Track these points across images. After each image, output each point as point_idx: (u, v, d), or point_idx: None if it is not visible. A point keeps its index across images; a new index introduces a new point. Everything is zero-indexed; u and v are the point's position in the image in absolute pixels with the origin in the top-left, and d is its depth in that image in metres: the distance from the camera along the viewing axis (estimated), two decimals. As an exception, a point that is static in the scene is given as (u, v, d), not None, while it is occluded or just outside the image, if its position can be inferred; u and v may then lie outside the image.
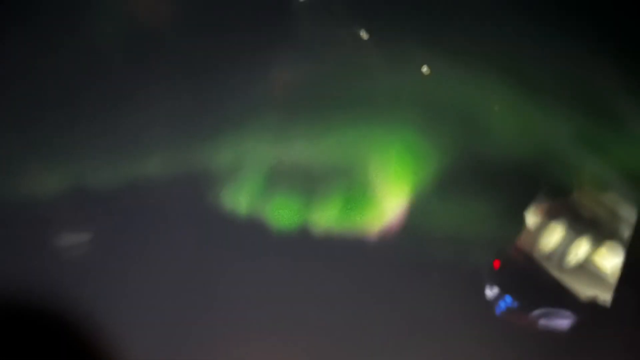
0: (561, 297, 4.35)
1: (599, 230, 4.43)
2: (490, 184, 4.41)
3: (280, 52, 4.50)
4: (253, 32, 4.49)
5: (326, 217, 4.41)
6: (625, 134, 4.37)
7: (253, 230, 4.35)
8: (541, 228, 4.49)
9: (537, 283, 4.43)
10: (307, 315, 4.15)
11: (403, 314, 4.25)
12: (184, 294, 4.13)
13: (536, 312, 4.34)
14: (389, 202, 4.48)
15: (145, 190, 4.25)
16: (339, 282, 4.26)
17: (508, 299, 4.37)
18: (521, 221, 4.51)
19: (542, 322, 4.33)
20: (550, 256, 4.46)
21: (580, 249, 4.44)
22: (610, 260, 4.38)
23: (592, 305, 4.31)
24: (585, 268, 4.43)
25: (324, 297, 4.22)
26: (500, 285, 4.38)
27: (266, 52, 4.49)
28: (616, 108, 4.34)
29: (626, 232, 4.37)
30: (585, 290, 4.36)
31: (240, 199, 4.40)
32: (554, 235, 4.47)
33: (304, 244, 4.36)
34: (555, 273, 4.42)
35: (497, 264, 4.45)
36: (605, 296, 4.29)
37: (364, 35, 4.45)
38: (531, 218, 4.52)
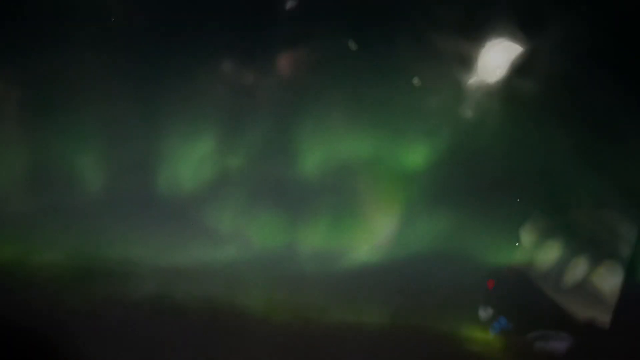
0: (558, 319, 4.25)
1: (598, 249, 4.33)
2: (485, 200, 4.33)
3: (266, 61, 4.40)
4: (237, 41, 4.38)
5: (313, 235, 4.31)
6: (625, 149, 4.29)
7: (238, 248, 4.27)
8: (537, 246, 4.38)
9: (533, 304, 4.33)
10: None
11: (393, 334, 4.15)
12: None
13: (532, 334, 4.25)
14: (378, 219, 4.37)
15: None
16: (327, 300, 4.19)
17: (503, 320, 4.28)
18: (517, 239, 4.40)
19: (539, 344, 4.24)
20: (546, 276, 4.36)
21: (578, 268, 4.33)
22: (609, 281, 4.28)
23: (590, 327, 4.22)
24: (583, 288, 4.32)
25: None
26: (494, 306, 4.29)
27: (251, 62, 4.40)
28: (615, 123, 4.26)
29: (625, 251, 4.28)
30: (583, 312, 4.26)
31: (224, 216, 4.31)
32: (550, 254, 4.36)
33: (291, 262, 4.27)
34: (552, 293, 4.31)
35: (491, 283, 4.36)
36: (603, 318, 4.21)
37: (352, 45, 4.36)
38: (527, 236, 4.42)
